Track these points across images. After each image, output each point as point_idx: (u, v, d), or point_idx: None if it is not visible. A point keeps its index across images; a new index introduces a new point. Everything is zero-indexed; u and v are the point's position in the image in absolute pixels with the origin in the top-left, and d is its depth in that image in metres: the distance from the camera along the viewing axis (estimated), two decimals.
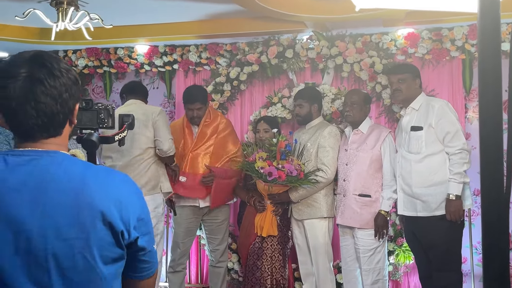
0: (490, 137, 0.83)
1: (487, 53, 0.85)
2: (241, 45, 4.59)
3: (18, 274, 1.15)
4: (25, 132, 1.22)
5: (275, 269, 3.80)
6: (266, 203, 3.81)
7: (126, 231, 1.23)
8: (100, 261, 1.20)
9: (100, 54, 4.98)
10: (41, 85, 1.18)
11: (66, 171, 1.21)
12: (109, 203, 1.21)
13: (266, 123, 4.02)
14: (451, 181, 3.18)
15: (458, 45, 4.14)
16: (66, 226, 1.17)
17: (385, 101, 4.20)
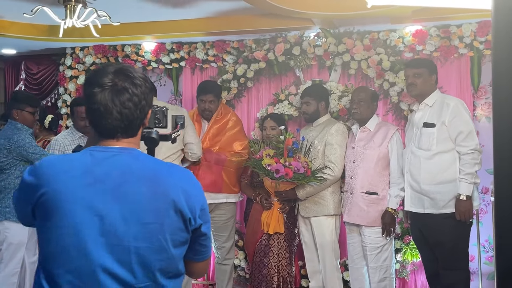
0: (504, 134, 0.82)
1: (501, 49, 0.84)
2: (248, 42, 4.59)
3: (103, 253, 1.34)
4: (108, 132, 1.43)
5: (282, 266, 3.80)
6: (273, 200, 3.81)
7: (193, 218, 1.43)
8: (171, 244, 1.40)
9: (108, 51, 5.00)
10: (126, 93, 1.40)
11: (143, 165, 1.43)
12: (178, 193, 1.41)
13: (273, 121, 4.02)
14: (462, 181, 3.16)
15: (467, 42, 4.11)
16: (144, 212, 1.37)
17: (392, 98, 4.19)
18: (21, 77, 5.51)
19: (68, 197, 1.35)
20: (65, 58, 5.11)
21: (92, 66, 5.07)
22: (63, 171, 1.38)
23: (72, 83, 5.07)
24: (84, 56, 5.05)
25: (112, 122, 1.40)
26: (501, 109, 0.82)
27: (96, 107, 1.39)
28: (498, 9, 0.83)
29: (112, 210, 1.35)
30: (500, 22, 0.83)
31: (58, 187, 1.35)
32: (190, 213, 1.41)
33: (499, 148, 0.83)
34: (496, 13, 0.84)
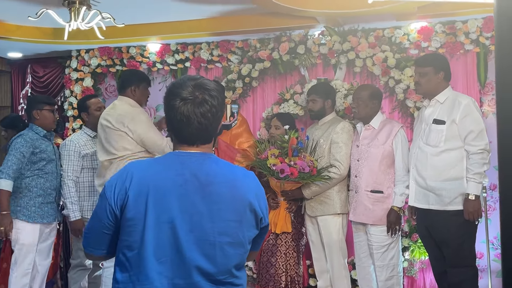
0: (509, 130, 0.80)
1: (504, 45, 0.82)
2: (253, 41, 4.58)
3: (192, 247, 1.50)
4: (189, 140, 1.59)
5: (290, 265, 3.79)
6: (280, 200, 3.80)
7: (264, 217, 1.63)
8: (246, 239, 1.59)
9: (113, 53, 5.01)
10: (206, 105, 1.56)
11: (223, 169, 1.61)
12: (252, 194, 1.60)
13: (278, 120, 4.01)
14: (471, 180, 3.12)
15: (473, 38, 4.08)
16: (227, 211, 1.55)
17: (398, 96, 4.17)
18: (28, 80, 5.53)
19: (166, 195, 1.52)
20: (71, 60, 5.13)
21: (97, 68, 5.08)
22: (156, 171, 1.57)
23: (78, 85, 5.09)
24: (90, 58, 5.06)
25: (193, 131, 1.57)
26: (505, 104, 0.81)
27: (179, 118, 1.56)
28: (500, 7, 0.82)
29: (200, 208, 1.52)
30: (503, 20, 0.82)
31: (155, 187, 1.53)
32: (261, 212, 1.60)
33: (503, 143, 0.82)
34: (499, 11, 0.82)
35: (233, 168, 1.67)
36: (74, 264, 3.86)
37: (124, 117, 3.35)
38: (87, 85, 5.09)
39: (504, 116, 0.82)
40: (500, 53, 0.82)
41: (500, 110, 0.82)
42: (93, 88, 5.13)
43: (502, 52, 0.82)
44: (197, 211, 1.52)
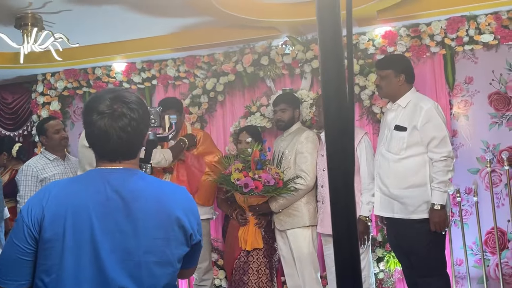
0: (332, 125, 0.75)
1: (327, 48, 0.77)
2: (218, 55, 4.51)
3: (116, 268, 1.41)
4: (110, 155, 1.51)
5: (262, 283, 3.66)
6: (248, 215, 3.69)
7: (194, 234, 1.53)
8: (176, 258, 1.50)
9: (78, 75, 4.93)
10: (124, 118, 1.47)
11: (148, 184, 1.54)
12: (180, 210, 1.51)
13: (247, 134, 3.91)
14: (435, 190, 2.99)
15: (438, 40, 4.02)
16: (152, 228, 1.46)
17: (364, 102, 4.08)
18: None
19: (85, 214, 1.44)
20: (37, 84, 5.05)
21: (64, 91, 5.00)
22: (75, 190, 1.49)
23: (45, 109, 5.00)
24: (56, 82, 4.98)
25: (113, 146, 1.48)
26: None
27: (97, 133, 1.48)
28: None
29: (123, 227, 1.44)
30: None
31: (73, 206, 1.45)
32: (191, 228, 1.51)
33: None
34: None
35: (161, 183, 1.60)
36: None
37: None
38: (55, 109, 4.99)
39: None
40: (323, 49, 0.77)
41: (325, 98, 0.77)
42: (61, 112, 5.03)
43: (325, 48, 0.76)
44: (120, 230, 1.44)
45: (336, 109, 0.77)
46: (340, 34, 0.79)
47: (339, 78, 0.76)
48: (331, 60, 0.77)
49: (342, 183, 0.79)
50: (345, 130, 0.78)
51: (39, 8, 3.51)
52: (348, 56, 0.78)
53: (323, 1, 0.78)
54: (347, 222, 0.79)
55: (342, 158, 0.78)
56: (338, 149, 0.78)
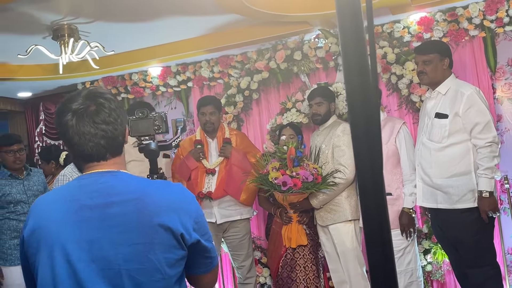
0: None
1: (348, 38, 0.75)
2: (251, 54, 4.50)
3: (95, 280, 1.30)
4: (88, 157, 1.39)
5: (309, 279, 3.64)
6: (290, 213, 3.67)
7: (187, 233, 1.37)
8: (164, 263, 1.35)
9: (116, 82, 5.03)
10: (102, 112, 1.37)
11: (128, 185, 1.39)
12: (166, 210, 1.36)
13: (292, 129, 3.88)
14: (482, 177, 2.88)
15: (476, 23, 3.87)
16: (132, 233, 1.33)
17: (402, 91, 3.98)
18: (41, 118, 5.63)
19: (57, 226, 1.34)
20: None
21: None
22: (50, 202, 1.40)
23: None
24: None
25: (88, 146, 1.37)
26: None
27: (69, 135, 1.37)
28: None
29: (99, 234, 1.33)
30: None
31: (46, 219, 1.36)
32: (182, 228, 1.36)
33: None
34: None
35: (146, 184, 1.43)
36: None
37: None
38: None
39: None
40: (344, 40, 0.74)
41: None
42: None
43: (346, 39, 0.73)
44: (97, 238, 1.32)
45: (361, 108, 0.75)
46: (361, 26, 0.76)
47: (362, 76, 0.73)
48: (353, 57, 0.73)
49: (371, 183, 0.77)
50: (370, 129, 0.75)
51: (74, 19, 3.59)
52: (370, 52, 0.74)
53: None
54: (379, 225, 0.76)
55: (369, 159, 0.75)
56: (365, 149, 0.75)
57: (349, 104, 0.77)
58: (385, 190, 0.80)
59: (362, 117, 0.75)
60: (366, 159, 0.76)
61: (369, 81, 0.74)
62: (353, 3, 0.73)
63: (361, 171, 0.77)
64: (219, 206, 3.76)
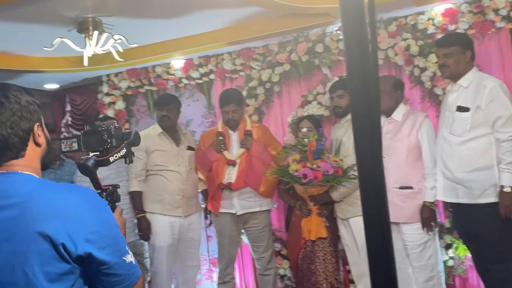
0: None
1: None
2: (273, 46, 4.50)
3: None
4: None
5: (329, 272, 3.65)
6: (310, 205, 3.67)
7: (73, 244, 1.20)
8: (43, 278, 1.18)
9: (140, 74, 5.09)
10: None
11: (20, 188, 1.25)
12: (51, 216, 1.20)
13: (309, 121, 3.87)
14: (505, 171, 2.84)
15: (503, 14, 3.78)
16: (10, 241, 1.19)
17: (425, 84, 3.93)
18: (67, 109, 5.74)
19: None
20: (102, 85, 5.27)
21: (127, 90, 5.18)
22: None
23: (110, 109, 5.21)
24: (119, 82, 5.17)
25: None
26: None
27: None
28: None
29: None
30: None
31: None
32: (65, 238, 1.19)
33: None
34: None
35: (38, 186, 1.27)
36: None
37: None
38: (120, 108, 5.19)
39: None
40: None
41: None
42: (126, 110, 5.23)
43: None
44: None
45: (363, 113, 0.75)
46: (364, 21, 0.76)
47: (363, 67, 0.73)
48: (354, 47, 0.74)
49: (373, 191, 0.77)
50: (372, 137, 0.76)
51: (98, 12, 3.65)
52: (372, 48, 0.74)
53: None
54: (381, 231, 0.77)
55: (371, 166, 0.76)
56: (367, 157, 0.77)
57: (351, 94, 0.77)
58: (385, 180, 0.81)
59: (363, 108, 0.75)
60: (366, 149, 0.77)
61: (370, 71, 0.74)
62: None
63: (361, 161, 0.78)
64: (239, 198, 3.79)
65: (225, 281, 3.91)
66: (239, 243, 4.03)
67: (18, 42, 4.24)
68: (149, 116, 5.23)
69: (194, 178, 4.00)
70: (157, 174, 3.87)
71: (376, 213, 0.77)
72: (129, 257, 1.31)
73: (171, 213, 3.85)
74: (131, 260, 1.32)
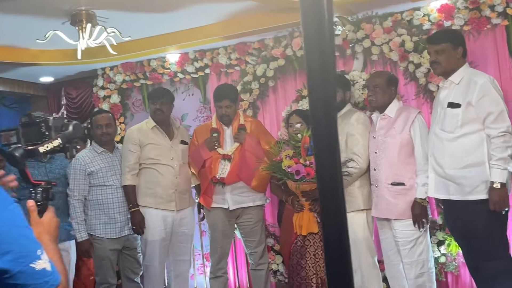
0: None
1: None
2: (269, 41, 4.48)
3: None
4: None
5: (319, 267, 3.64)
6: (302, 201, 3.66)
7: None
8: None
9: (135, 68, 5.08)
10: None
11: None
12: None
13: (298, 116, 3.86)
14: (495, 167, 2.84)
15: (499, 10, 3.77)
16: None
17: (420, 80, 3.92)
18: (62, 102, 5.73)
19: None
20: (97, 79, 5.25)
21: (122, 84, 5.17)
22: None
23: (105, 102, 5.20)
24: (114, 75, 5.16)
25: None
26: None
27: None
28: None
29: None
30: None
31: None
32: None
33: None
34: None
35: None
36: (97, 282, 3.89)
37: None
38: (115, 102, 5.18)
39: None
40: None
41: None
42: (121, 104, 5.22)
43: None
44: None
45: (321, 105, 0.75)
46: (323, 10, 0.75)
47: (324, 73, 0.73)
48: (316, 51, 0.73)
49: (329, 182, 0.79)
50: (328, 125, 0.76)
51: (91, 4, 3.63)
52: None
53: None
54: (336, 223, 0.77)
55: (328, 156, 0.75)
56: (324, 147, 0.77)
57: (309, 85, 0.77)
58: (341, 170, 0.81)
59: (320, 100, 0.75)
60: (325, 157, 0.77)
61: (328, 61, 0.73)
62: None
63: (319, 170, 0.78)
64: (232, 193, 3.79)
65: (217, 276, 3.91)
66: (232, 237, 4.02)
67: (12, 34, 4.23)
68: (144, 110, 5.21)
69: (187, 172, 3.99)
70: (150, 168, 3.86)
71: (334, 204, 0.77)
72: (40, 263, 1.13)
73: (164, 207, 3.84)
74: (45, 266, 1.14)
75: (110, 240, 3.78)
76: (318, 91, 0.75)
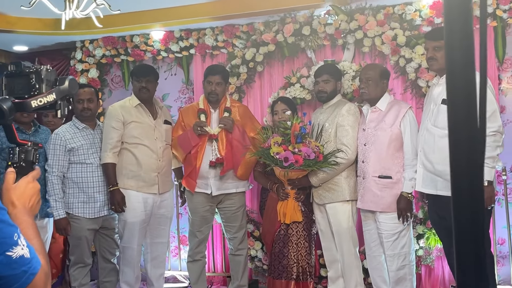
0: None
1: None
2: (258, 25, 4.41)
3: None
4: None
5: (301, 256, 3.65)
6: (287, 189, 3.65)
7: None
8: None
9: (117, 43, 4.91)
10: None
11: None
12: None
13: (284, 104, 3.84)
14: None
15: (489, 11, 3.83)
16: None
17: (409, 75, 3.95)
18: None
19: None
20: (75, 52, 5.06)
21: (102, 59, 5.00)
22: None
23: (83, 77, 5.02)
24: (94, 49, 4.97)
25: None
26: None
27: None
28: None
29: None
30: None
31: None
32: None
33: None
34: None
35: None
36: (72, 261, 3.78)
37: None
38: (93, 76, 5.00)
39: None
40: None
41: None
42: (99, 79, 5.05)
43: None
44: None
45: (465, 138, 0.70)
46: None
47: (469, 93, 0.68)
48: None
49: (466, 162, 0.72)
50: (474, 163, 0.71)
51: None
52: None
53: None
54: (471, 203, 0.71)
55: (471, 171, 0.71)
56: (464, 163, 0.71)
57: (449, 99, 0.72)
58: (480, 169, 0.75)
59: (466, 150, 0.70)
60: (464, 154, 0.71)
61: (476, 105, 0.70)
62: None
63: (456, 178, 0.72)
64: (215, 178, 3.74)
65: (195, 259, 3.86)
66: (211, 222, 3.98)
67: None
68: (124, 87, 5.06)
69: (169, 154, 3.90)
70: (133, 149, 3.74)
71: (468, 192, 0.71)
72: (18, 250, 0.99)
73: (146, 190, 3.73)
74: (23, 252, 1.00)
75: (88, 220, 3.66)
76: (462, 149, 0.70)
